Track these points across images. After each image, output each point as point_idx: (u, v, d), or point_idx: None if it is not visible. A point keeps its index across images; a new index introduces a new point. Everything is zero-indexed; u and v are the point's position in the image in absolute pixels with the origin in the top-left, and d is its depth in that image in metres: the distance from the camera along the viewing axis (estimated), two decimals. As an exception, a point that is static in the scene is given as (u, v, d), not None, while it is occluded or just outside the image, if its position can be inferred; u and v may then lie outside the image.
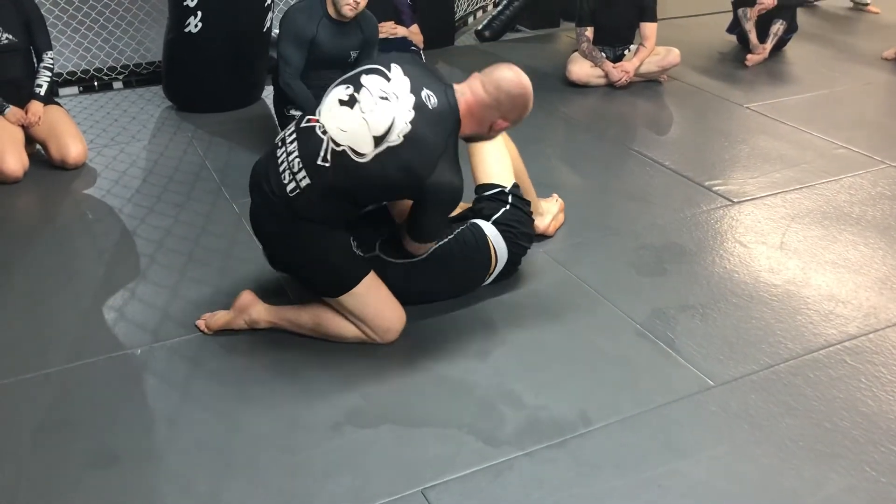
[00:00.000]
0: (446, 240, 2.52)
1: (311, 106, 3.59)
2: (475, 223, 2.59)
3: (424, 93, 2.21)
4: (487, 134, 2.38)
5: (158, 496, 1.92)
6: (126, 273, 2.88)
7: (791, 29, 5.32)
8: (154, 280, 2.83)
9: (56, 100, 3.92)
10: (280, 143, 2.34)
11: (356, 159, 2.18)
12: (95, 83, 4.75)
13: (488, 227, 2.59)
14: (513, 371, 2.34)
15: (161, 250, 3.02)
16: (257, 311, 2.46)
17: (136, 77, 4.84)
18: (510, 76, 2.30)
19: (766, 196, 3.42)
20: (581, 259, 2.92)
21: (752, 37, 5.19)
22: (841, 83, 4.86)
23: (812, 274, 2.84)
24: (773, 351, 2.43)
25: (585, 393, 2.25)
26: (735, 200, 3.38)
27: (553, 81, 4.86)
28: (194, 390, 2.27)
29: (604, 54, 4.75)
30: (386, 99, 2.19)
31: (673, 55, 4.75)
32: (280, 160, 2.30)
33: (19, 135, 3.60)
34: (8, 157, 3.47)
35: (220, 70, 4.28)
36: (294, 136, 2.30)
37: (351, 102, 2.22)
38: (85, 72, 4.75)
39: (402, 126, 2.16)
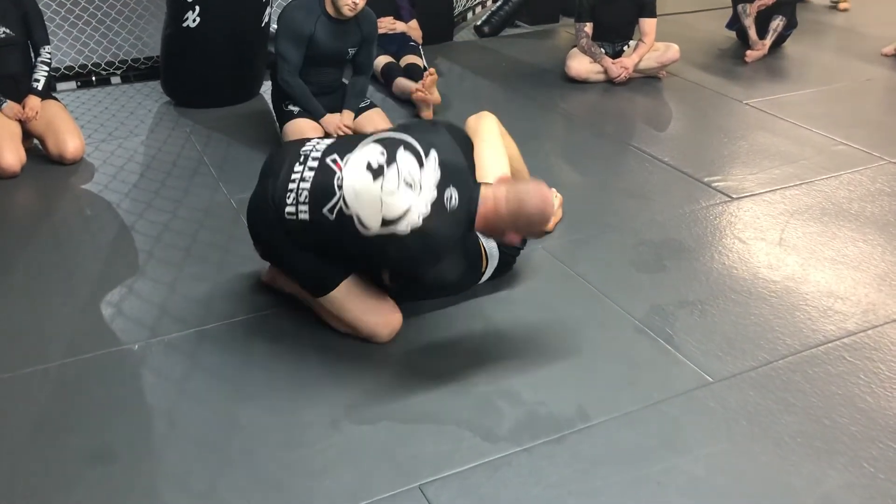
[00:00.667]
0: None
1: (309, 103, 3.63)
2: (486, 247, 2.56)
3: (448, 192, 2.13)
4: (498, 237, 2.36)
5: (156, 492, 1.92)
6: (124, 268, 2.87)
7: (791, 25, 5.32)
8: (152, 275, 2.82)
9: (54, 94, 3.91)
10: (303, 159, 2.28)
11: (359, 228, 2.13)
12: (93, 78, 4.73)
13: (492, 249, 2.55)
14: (511, 367, 2.33)
15: (159, 245, 3.01)
16: (283, 277, 2.57)
17: (134, 72, 4.82)
18: (535, 202, 2.18)
19: (766, 192, 3.42)
20: (580, 255, 2.92)
21: (752, 33, 5.19)
22: (840, 79, 4.86)
23: (811, 270, 2.84)
24: (771, 347, 2.43)
25: (584, 389, 2.25)
26: (734, 197, 3.38)
27: (552, 77, 4.85)
28: (192, 386, 2.27)
29: (603, 50, 4.75)
30: (410, 186, 2.09)
31: (672, 51, 4.74)
32: (293, 178, 2.25)
33: (17, 129, 3.59)
34: (5, 152, 3.46)
35: (219, 65, 4.27)
36: (316, 165, 2.24)
37: (377, 173, 2.11)
38: (83, 66, 4.74)
39: (415, 220, 2.08)
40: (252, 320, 2.52)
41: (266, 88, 4.43)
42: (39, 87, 3.66)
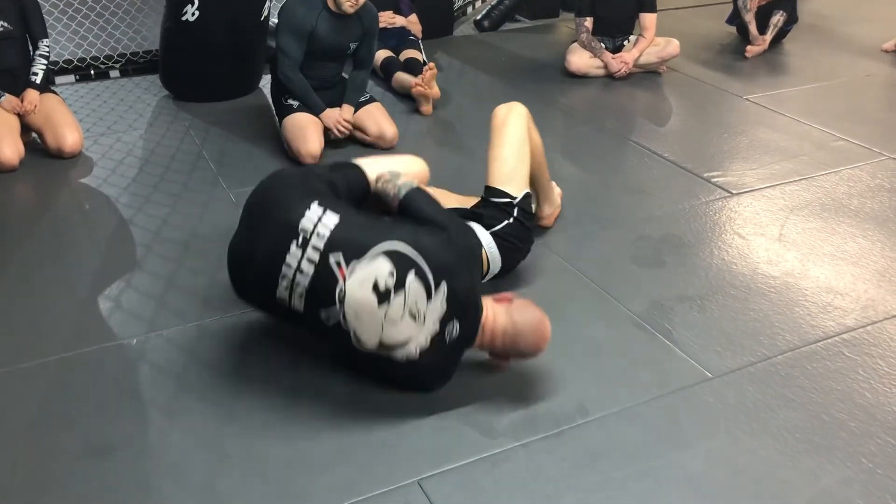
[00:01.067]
0: None
1: (310, 98, 3.62)
2: (471, 228, 2.46)
3: (451, 325, 2.04)
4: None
5: (153, 486, 1.92)
6: (122, 262, 2.87)
7: (791, 20, 5.31)
8: (150, 269, 2.82)
9: (52, 88, 3.90)
10: (301, 240, 2.02)
11: (356, 342, 2.03)
12: (92, 71, 4.72)
13: (484, 236, 2.52)
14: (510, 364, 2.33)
15: (157, 240, 3.01)
16: None
17: (133, 66, 4.81)
18: (530, 342, 2.13)
19: (765, 188, 3.41)
20: (579, 251, 2.92)
21: (752, 28, 5.18)
22: (840, 75, 4.85)
23: (810, 266, 2.84)
24: (770, 343, 2.43)
25: (583, 384, 2.25)
26: (734, 192, 3.37)
27: (552, 72, 4.84)
28: (190, 380, 2.27)
29: (603, 45, 4.74)
30: (413, 318, 1.98)
31: (672, 46, 4.73)
32: (288, 262, 2.02)
33: (15, 123, 3.58)
34: (3, 145, 3.45)
35: (218, 59, 4.26)
36: (316, 260, 2.00)
37: (383, 297, 1.96)
38: (81, 60, 4.72)
39: (412, 352, 2.02)
40: (251, 315, 2.51)
41: (265, 82, 4.42)
42: (38, 81, 3.65)
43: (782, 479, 1.94)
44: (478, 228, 2.52)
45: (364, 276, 1.97)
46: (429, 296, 2.00)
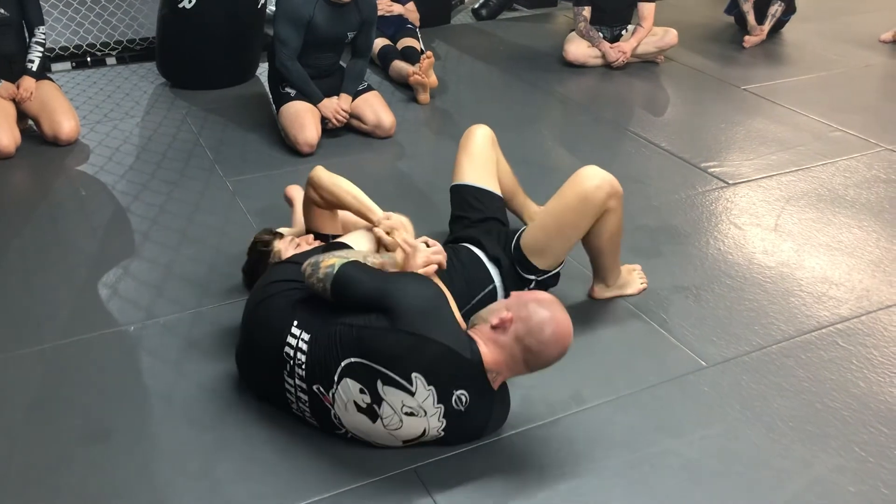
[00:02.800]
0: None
1: (308, 87, 3.61)
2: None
3: (455, 396, 1.85)
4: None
5: (151, 473, 1.93)
6: (119, 250, 2.87)
7: (789, 10, 5.30)
8: (148, 257, 2.82)
9: (48, 75, 3.89)
10: (289, 369, 1.93)
11: (380, 446, 1.96)
12: (88, 59, 4.71)
13: (500, 297, 2.32)
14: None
15: (155, 227, 3.01)
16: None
17: (130, 53, 4.80)
18: (554, 351, 1.87)
19: (762, 178, 3.42)
20: (576, 239, 2.92)
21: (751, 18, 5.17)
22: (838, 65, 4.85)
23: (806, 256, 2.85)
24: (765, 332, 2.44)
25: (578, 373, 2.26)
26: (730, 182, 3.38)
27: (550, 61, 4.84)
28: (187, 368, 2.27)
29: (601, 34, 4.73)
30: (413, 415, 1.85)
31: (670, 36, 4.72)
32: (288, 389, 1.97)
33: (11, 110, 3.57)
34: (0, 132, 3.44)
35: (215, 47, 4.25)
36: (305, 388, 1.92)
37: (371, 415, 1.86)
38: (78, 47, 4.71)
39: (435, 433, 1.90)
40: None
41: (262, 70, 4.41)
42: (34, 68, 3.64)
43: (776, 466, 1.96)
44: (499, 289, 2.33)
45: (344, 402, 1.87)
46: (409, 392, 1.82)
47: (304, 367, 1.90)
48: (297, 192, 2.82)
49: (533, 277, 2.34)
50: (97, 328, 2.44)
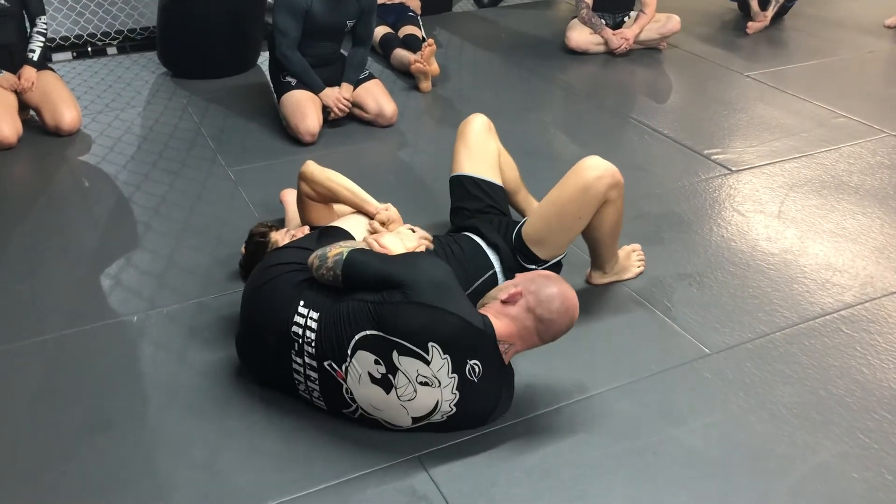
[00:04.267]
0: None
1: (308, 76, 3.59)
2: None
3: (469, 366, 1.87)
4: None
5: (154, 462, 1.93)
6: (122, 240, 2.87)
7: (793, -4, 5.27)
8: (150, 247, 2.82)
9: (49, 65, 3.88)
10: (297, 348, 1.95)
11: (391, 426, 1.97)
12: (89, 49, 4.70)
13: (496, 261, 2.34)
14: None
15: (157, 217, 3.01)
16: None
17: (131, 43, 4.79)
18: (564, 322, 1.94)
19: (765, 165, 3.41)
20: (578, 227, 2.91)
21: (754, 4, 5.14)
22: (842, 51, 4.82)
23: (809, 243, 2.84)
24: (769, 319, 2.44)
25: (581, 360, 2.26)
26: (734, 169, 3.37)
27: (552, 49, 4.81)
28: (190, 357, 2.27)
29: (603, 21, 4.71)
30: (427, 384, 1.86)
31: (673, 22, 4.70)
32: (297, 369, 1.98)
33: (13, 101, 3.57)
34: (1, 123, 3.44)
35: (216, 36, 4.23)
36: (315, 366, 1.94)
37: (385, 385, 1.87)
38: (78, 37, 4.70)
39: (446, 408, 1.90)
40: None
41: (263, 59, 4.40)
42: (35, 58, 3.63)
43: (779, 453, 1.96)
44: (500, 274, 2.33)
45: (359, 374, 1.88)
46: (425, 361, 1.84)
47: (313, 344, 1.91)
48: (290, 196, 2.80)
49: (534, 267, 2.33)
50: (99, 318, 2.44)
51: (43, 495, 1.84)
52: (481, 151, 2.55)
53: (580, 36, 4.69)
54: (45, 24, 3.69)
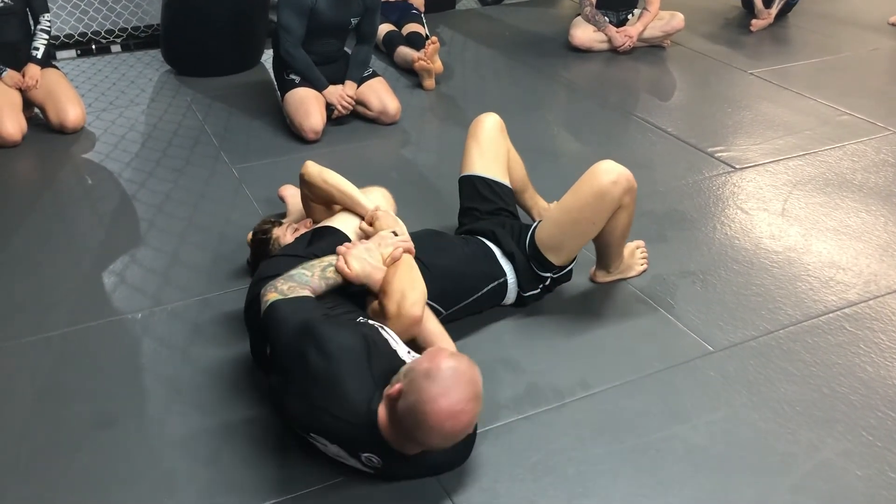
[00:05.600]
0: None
1: (312, 74, 3.60)
2: (507, 283, 2.33)
3: (364, 457, 1.75)
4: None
5: (159, 458, 1.94)
6: (126, 237, 2.88)
7: (797, -7, 5.26)
8: (154, 244, 2.83)
9: (54, 63, 3.89)
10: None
11: None
12: (93, 46, 4.70)
13: (511, 293, 2.37)
14: (511, 337, 2.34)
15: (160, 215, 3.02)
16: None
17: (135, 40, 4.79)
18: (429, 432, 1.60)
19: (769, 163, 3.40)
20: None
21: (758, 1, 5.13)
22: (846, 49, 4.81)
23: (813, 241, 2.84)
24: (772, 317, 2.44)
25: (585, 358, 2.26)
26: (737, 167, 3.37)
27: (555, 46, 4.81)
28: (194, 354, 2.28)
29: (607, 19, 4.70)
30: (339, 458, 1.82)
31: (677, 20, 4.69)
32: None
33: (17, 98, 3.57)
34: (6, 120, 3.44)
35: (219, 34, 4.24)
36: None
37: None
38: (83, 35, 4.70)
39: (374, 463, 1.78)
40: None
41: (267, 57, 4.40)
42: (39, 56, 3.64)
43: (782, 451, 1.96)
44: (511, 282, 2.34)
45: None
46: (321, 443, 1.80)
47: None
48: (290, 191, 2.80)
49: (549, 275, 2.34)
50: (104, 315, 2.45)
51: (47, 491, 1.85)
52: (493, 152, 2.53)
53: (584, 33, 4.69)
54: (49, 21, 3.69)
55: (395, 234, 2.13)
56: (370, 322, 1.92)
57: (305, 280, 1.94)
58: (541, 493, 1.84)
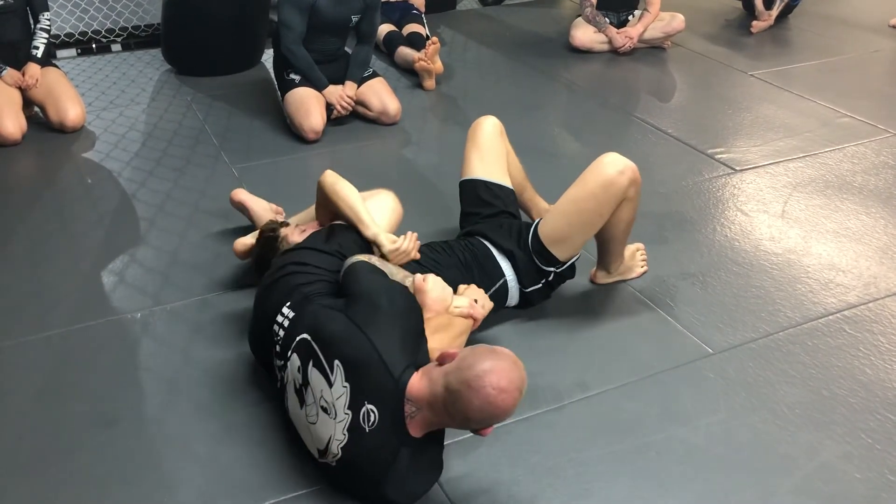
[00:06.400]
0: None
1: (313, 73, 3.60)
2: (507, 283, 2.32)
3: (365, 409, 1.69)
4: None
5: (158, 458, 1.94)
6: (126, 237, 2.88)
7: (798, -5, 5.26)
8: (154, 244, 2.83)
9: (54, 62, 3.89)
10: (276, 348, 1.96)
11: (308, 447, 1.89)
12: (94, 45, 4.70)
13: (513, 291, 2.36)
14: (510, 338, 2.34)
15: (161, 214, 3.01)
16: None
17: (135, 39, 4.79)
18: (475, 404, 1.59)
19: (769, 164, 3.40)
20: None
21: (758, 3, 5.12)
22: (847, 51, 4.81)
23: (813, 243, 2.84)
24: (772, 319, 2.44)
25: (584, 359, 2.26)
26: (737, 169, 3.37)
27: (556, 47, 4.81)
28: (194, 354, 2.28)
29: (608, 19, 4.70)
30: (326, 411, 1.74)
31: (677, 21, 4.69)
32: (276, 362, 1.98)
33: (17, 97, 3.57)
34: (6, 119, 3.44)
35: (220, 33, 4.24)
36: (279, 374, 1.96)
37: (300, 398, 1.82)
38: (83, 34, 4.70)
39: (335, 450, 1.74)
40: (255, 289, 2.52)
41: (268, 57, 4.40)
42: (39, 55, 3.64)
43: (782, 453, 1.96)
44: (512, 283, 2.33)
45: (289, 380, 1.86)
46: (329, 382, 1.73)
47: (280, 344, 1.91)
48: (244, 195, 2.79)
49: (552, 269, 2.33)
50: (104, 315, 2.45)
51: (48, 490, 1.85)
52: (493, 155, 2.53)
53: (584, 34, 4.69)
54: (49, 20, 3.69)
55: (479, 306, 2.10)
56: None
57: (389, 270, 2.01)
58: (540, 494, 1.84)
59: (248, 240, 2.52)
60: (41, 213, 3.03)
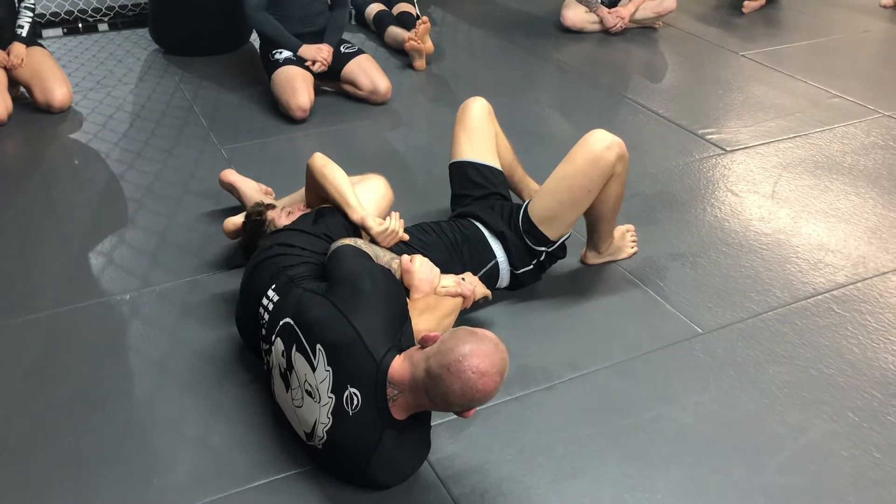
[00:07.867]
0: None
1: (281, 35, 3.57)
2: (498, 265, 2.31)
3: (347, 393, 1.69)
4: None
5: (148, 439, 1.94)
6: (114, 218, 2.86)
7: (789, -25, 5.24)
8: (142, 225, 2.81)
9: (39, 41, 3.84)
10: (262, 330, 1.95)
11: (296, 431, 1.89)
12: (80, 25, 4.65)
13: (504, 273, 2.35)
14: (501, 319, 2.34)
15: (149, 195, 3.00)
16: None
17: (122, 19, 4.74)
18: (455, 387, 1.58)
19: (759, 145, 3.40)
20: (572, 207, 2.91)
21: (750, -17, 5.11)
22: (838, 31, 4.81)
23: (802, 223, 2.84)
24: (761, 299, 2.45)
25: (574, 339, 2.27)
26: (728, 149, 3.37)
27: (547, 27, 4.79)
28: (183, 335, 2.27)
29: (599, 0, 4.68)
30: (310, 395, 1.74)
31: (669, 1, 4.67)
32: (262, 346, 1.97)
33: (2, 77, 3.53)
34: (-9, 100, 3.41)
35: (208, 13, 4.20)
36: (265, 357, 1.97)
37: (286, 382, 1.83)
38: (69, 13, 4.65)
39: (321, 433, 1.74)
40: (243, 270, 2.51)
41: (256, 37, 4.36)
42: (24, 34, 3.60)
43: (770, 432, 1.97)
44: (503, 265, 2.33)
45: (274, 364, 1.87)
46: (312, 367, 1.73)
47: (265, 327, 1.92)
48: (233, 176, 2.78)
49: (543, 249, 2.33)
50: (92, 296, 2.43)
51: (36, 472, 1.85)
52: (482, 136, 2.52)
53: (575, 14, 4.66)
54: (34, -1, 3.65)
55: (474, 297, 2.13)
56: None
57: (376, 253, 2.04)
58: (530, 473, 1.85)
59: (238, 220, 2.51)
60: (28, 194, 3.00)
